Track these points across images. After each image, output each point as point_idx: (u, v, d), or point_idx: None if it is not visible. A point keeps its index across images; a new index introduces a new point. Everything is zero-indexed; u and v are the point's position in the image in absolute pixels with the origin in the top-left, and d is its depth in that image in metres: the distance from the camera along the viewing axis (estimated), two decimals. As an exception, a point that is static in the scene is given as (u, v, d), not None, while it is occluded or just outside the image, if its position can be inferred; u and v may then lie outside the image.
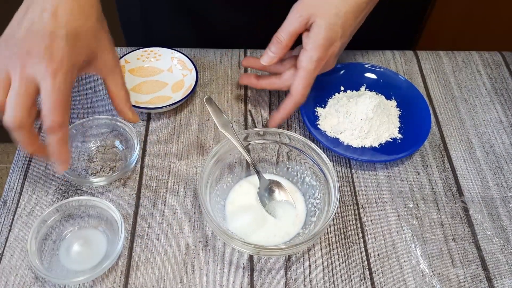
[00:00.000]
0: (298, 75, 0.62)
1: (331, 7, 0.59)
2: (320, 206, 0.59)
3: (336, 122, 0.68)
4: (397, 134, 0.69)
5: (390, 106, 0.72)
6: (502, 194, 0.65)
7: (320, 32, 0.59)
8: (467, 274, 0.58)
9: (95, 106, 0.71)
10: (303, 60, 0.61)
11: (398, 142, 0.68)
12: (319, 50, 0.60)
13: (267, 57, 0.63)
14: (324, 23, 0.59)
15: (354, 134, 0.67)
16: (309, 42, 0.60)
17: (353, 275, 0.57)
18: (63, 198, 0.62)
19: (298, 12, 0.60)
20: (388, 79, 0.74)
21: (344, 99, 0.70)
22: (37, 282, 0.55)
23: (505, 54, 0.83)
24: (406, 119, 0.71)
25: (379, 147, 0.68)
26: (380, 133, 0.68)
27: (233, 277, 0.56)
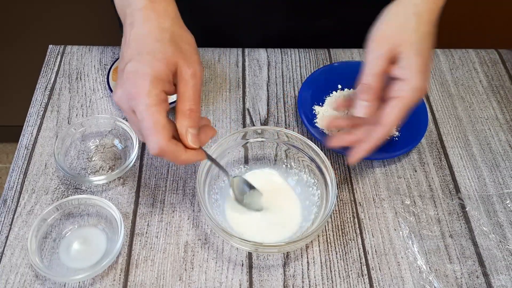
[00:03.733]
0: (396, 104, 0.55)
1: (411, 32, 0.55)
2: (318, 203, 0.60)
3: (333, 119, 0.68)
4: (394, 132, 0.70)
5: None
6: (498, 190, 0.66)
7: (413, 61, 0.54)
8: (464, 270, 0.58)
9: (94, 105, 0.72)
10: (402, 90, 0.54)
11: (395, 140, 0.69)
12: (419, 77, 0.54)
13: (363, 108, 0.55)
14: (411, 50, 0.54)
15: None
16: (404, 73, 0.54)
17: (351, 271, 0.58)
18: (63, 196, 0.62)
19: (378, 50, 0.55)
20: None
21: (341, 98, 0.70)
22: (38, 280, 0.55)
23: (501, 51, 0.84)
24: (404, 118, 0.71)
25: None
26: None
27: (232, 274, 0.57)
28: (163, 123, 0.47)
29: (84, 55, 0.78)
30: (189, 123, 0.49)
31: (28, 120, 0.70)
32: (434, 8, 0.57)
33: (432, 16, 0.57)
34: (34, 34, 1.32)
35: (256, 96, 0.75)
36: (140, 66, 0.48)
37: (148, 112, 0.47)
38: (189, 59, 0.50)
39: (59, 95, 0.73)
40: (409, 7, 0.56)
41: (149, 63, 0.48)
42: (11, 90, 1.47)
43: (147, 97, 0.47)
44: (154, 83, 0.47)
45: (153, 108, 0.47)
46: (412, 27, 0.55)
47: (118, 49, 0.79)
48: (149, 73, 0.47)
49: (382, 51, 0.55)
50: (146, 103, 0.47)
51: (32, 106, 0.71)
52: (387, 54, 0.55)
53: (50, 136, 0.68)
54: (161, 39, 0.50)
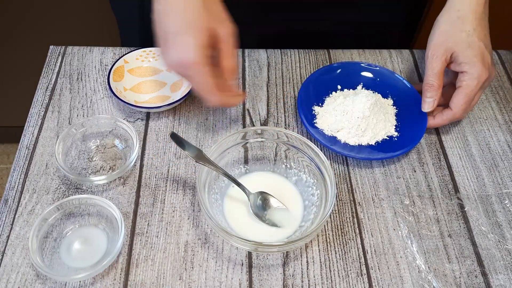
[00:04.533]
0: (459, 92, 0.66)
1: (460, 33, 0.66)
2: (318, 203, 0.60)
3: (333, 120, 0.69)
4: (394, 132, 0.70)
5: (387, 104, 0.73)
6: (497, 190, 0.66)
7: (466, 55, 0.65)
8: (462, 270, 0.59)
9: (95, 105, 0.72)
10: (464, 80, 0.66)
11: (394, 140, 0.69)
12: (477, 67, 0.65)
13: (428, 103, 0.68)
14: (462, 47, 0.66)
15: (351, 132, 0.67)
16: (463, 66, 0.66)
17: (350, 271, 0.58)
18: (64, 196, 0.62)
19: (434, 54, 0.67)
20: (384, 78, 0.75)
21: (341, 98, 0.70)
22: (38, 279, 0.56)
23: (500, 52, 0.84)
24: (402, 117, 0.72)
25: (376, 145, 0.68)
26: (377, 131, 0.68)
27: (231, 274, 0.57)
28: (215, 83, 0.58)
29: (85, 55, 0.78)
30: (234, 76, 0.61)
31: (29, 121, 0.70)
32: (477, 8, 0.67)
33: (476, 14, 0.67)
34: (35, 34, 1.33)
35: (256, 96, 0.75)
36: (185, 38, 0.56)
37: (202, 77, 0.57)
38: (221, 21, 0.59)
39: (60, 95, 0.73)
40: (453, 13, 0.67)
41: (192, 34, 0.56)
42: (12, 91, 1.47)
43: (198, 65, 0.56)
44: (200, 52, 0.56)
45: (205, 73, 0.57)
46: (458, 28, 0.66)
47: (118, 50, 0.79)
48: (194, 44, 0.56)
49: (438, 54, 0.66)
50: (198, 71, 0.57)
51: (33, 106, 0.72)
52: (443, 56, 0.66)
53: (51, 137, 0.68)
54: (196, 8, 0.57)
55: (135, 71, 0.75)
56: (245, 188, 0.61)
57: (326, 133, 0.69)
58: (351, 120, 0.67)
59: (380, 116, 0.69)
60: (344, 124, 0.68)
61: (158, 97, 0.73)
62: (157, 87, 0.74)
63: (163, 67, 0.76)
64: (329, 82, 0.74)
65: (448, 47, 0.66)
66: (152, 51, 0.76)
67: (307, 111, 0.71)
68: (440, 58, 0.67)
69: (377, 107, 0.68)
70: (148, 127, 0.70)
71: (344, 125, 0.68)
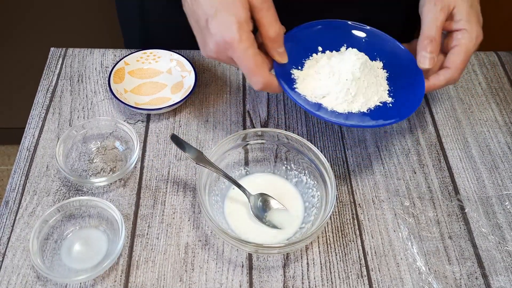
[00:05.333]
0: (458, 51, 0.61)
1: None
2: (318, 205, 0.60)
3: (317, 85, 0.60)
4: (387, 98, 0.62)
5: (376, 67, 0.65)
6: (497, 192, 0.66)
7: (468, 12, 0.60)
8: (463, 272, 0.59)
9: (96, 107, 0.72)
10: (462, 38, 0.61)
11: (389, 106, 0.61)
12: (476, 26, 0.61)
13: (429, 59, 0.61)
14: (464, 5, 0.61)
15: (339, 97, 0.59)
16: (462, 23, 0.61)
17: (350, 272, 0.58)
18: (64, 198, 0.62)
19: (437, 5, 0.60)
20: (372, 39, 0.67)
21: (324, 59, 0.62)
22: (39, 281, 0.56)
23: (500, 54, 0.84)
24: (395, 82, 0.64)
25: (369, 112, 0.60)
26: (369, 96, 0.60)
27: (232, 275, 0.57)
28: (261, 61, 0.55)
29: (86, 57, 0.79)
30: (278, 45, 0.57)
31: (30, 122, 0.70)
32: None
33: None
34: (35, 36, 1.33)
35: (256, 98, 0.75)
36: (223, 17, 0.53)
37: (246, 56, 0.54)
38: None
39: (60, 97, 0.73)
40: None
41: (229, 11, 0.53)
42: (12, 93, 1.48)
43: (241, 43, 0.53)
44: (241, 28, 0.53)
45: (249, 51, 0.53)
46: None
47: (119, 52, 0.79)
48: (234, 21, 0.52)
49: (442, 7, 0.60)
50: (242, 49, 0.53)
51: (34, 108, 0.72)
52: (446, 10, 0.60)
53: (51, 138, 0.68)
54: None
55: (135, 73, 0.75)
56: (246, 190, 0.61)
57: (310, 100, 0.60)
58: (338, 83, 0.59)
59: (371, 78, 0.61)
60: (331, 88, 0.59)
61: (158, 99, 0.73)
62: (157, 89, 0.74)
63: (163, 69, 0.76)
64: (308, 42, 0.65)
65: (450, 2, 0.61)
66: (153, 53, 0.76)
67: (285, 75, 0.61)
68: (445, 10, 0.60)
69: (367, 68, 0.60)
70: (149, 129, 0.70)
71: (331, 89, 0.59)
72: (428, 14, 0.61)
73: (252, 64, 0.54)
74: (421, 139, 0.71)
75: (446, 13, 0.61)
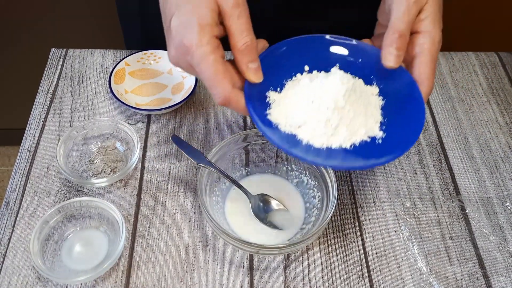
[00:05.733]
0: (425, 60, 0.51)
1: None
2: (319, 205, 0.60)
3: (294, 111, 0.50)
4: (378, 132, 0.51)
5: (370, 93, 0.54)
6: (498, 193, 0.66)
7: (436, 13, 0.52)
8: (464, 272, 0.59)
9: (96, 108, 0.72)
10: (426, 43, 0.51)
11: (378, 143, 0.50)
12: (439, 30, 0.52)
13: (395, 57, 0.50)
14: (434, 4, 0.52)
15: (318, 129, 0.49)
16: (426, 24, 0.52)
17: (351, 273, 0.58)
18: (65, 199, 0.62)
19: None
20: (367, 58, 0.55)
21: (305, 80, 0.52)
22: (40, 282, 0.56)
23: (501, 54, 0.84)
24: (392, 112, 0.53)
25: (352, 148, 0.49)
26: (355, 128, 0.50)
27: (233, 276, 0.57)
28: (222, 70, 0.46)
29: (86, 58, 0.79)
30: (248, 58, 0.47)
31: (30, 123, 0.70)
32: None
33: None
34: (36, 37, 1.33)
35: (257, 99, 0.75)
36: (183, 18, 0.46)
37: (205, 63, 0.45)
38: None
39: (61, 98, 0.73)
40: None
41: (191, 11, 0.46)
42: (13, 93, 1.48)
43: (200, 47, 0.45)
44: (202, 31, 0.45)
45: (209, 58, 0.45)
46: None
47: (119, 53, 0.79)
48: (195, 22, 0.45)
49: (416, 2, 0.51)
50: (200, 54, 0.45)
51: (34, 109, 0.72)
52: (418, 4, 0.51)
53: (52, 139, 0.68)
54: None
55: (136, 73, 0.75)
56: (246, 191, 0.61)
57: (283, 130, 0.49)
58: (318, 112, 0.49)
59: (359, 108, 0.50)
60: (308, 117, 0.49)
61: (159, 99, 0.73)
62: (158, 89, 0.74)
63: (164, 70, 0.76)
64: (293, 60, 0.54)
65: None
66: (153, 53, 0.76)
67: (258, 97, 0.50)
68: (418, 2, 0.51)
69: (355, 95, 0.51)
70: (149, 130, 0.70)
71: (308, 118, 0.49)
72: (400, 6, 0.51)
73: (211, 72, 0.45)
74: (421, 140, 0.71)
75: (419, 8, 0.52)
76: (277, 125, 0.50)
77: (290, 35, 0.80)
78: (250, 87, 0.49)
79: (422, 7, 0.52)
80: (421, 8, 0.52)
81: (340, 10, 0.80)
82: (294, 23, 0.81)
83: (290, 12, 0.80)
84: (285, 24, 0.81)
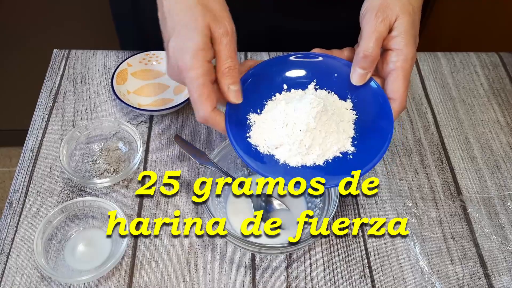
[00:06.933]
0: (397, 77, 0.54)
1: (407, 4, 0.55)
2: (321, 205, 0.60)
3: (271, 134, 0.54)
4: (349, 147, 0.55)
5: (344, 109, 0.57)
6: (500, 192, 0.66)
7: (408, 30, 0.54)
8: (465, 272, 0.59)
9: (99, 108, 0.72)
10: (398, 60, 0.54)
11: (349, 158, 0.54)
12: (412, 48, 0.54)
13: (359, 76, 0.55)
14: (407, 20, 0.54)
15: (293, 149, 0.53)
16: (398, 41, 0.54)
17: (353, 273, 0.58)
18: (68, 199, 0.63)
19: (378, 16, 0.54)
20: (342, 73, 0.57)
21: (282, 103, 0.55)
22: (43, 281, 0.56)
23: (502, 55, 0.84)
24: (363, 126, 0.56)
25: (325, 165, 0.54)
26: (327, 146, 0.54)
27: (235, 276, 0.57)
28: (207, 94, 0.51)
29: (89, 59, 0.79)
30: (229, 81, 0.52)
31: (33, 124, 0.70)
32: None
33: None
34: (39, 38, 1.33)
35: (258, 99, 0.75)
36: (178, 42, 0.51)
37: (193, 85, 0.51)
38: (218, 18, 0.52)
39: (63, 98, 0.74)
40: None
41: (185, 36, 0.51)
42: (15, 94, 1.48)
43: (190, 71, 0.50)
44: (195, 56, 0.50)
45: (197, 81, 0.50)
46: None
47: (121, 53, 0.80)
48: (189, 47, 0.50)
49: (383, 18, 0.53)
50: (190, 77, 0.50)
51: (37, 109, 0.72)
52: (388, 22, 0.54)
53: (55, 139, 0.69)
54: (188, 6, 0.52)
55: (138, 74, 0.75)
56: None
57: (262, 151, 0.54)
58: (292, 134, 0.53)
59: (330, 127, 0.54)
60: (284, 139, 0.53)
61: (161, 100, 0.73)
62: (160, 90, 0.74)
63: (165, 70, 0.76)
64: (273, 80, 0.58)
65: (395, 11, 0.54)
66: (155, 54, 0.76)
67: (239, 119, 0.55)
68: (387, 22, 0.53)
69: (326, 116, 0.53)
70: (152, 130, 0.71)
71: (284, 140, 0.53)
72: (366, 25, 0.54)
73: (196, 94, 0.51)
74: (423, 140, 0.71)
75: (387, 25, 0.54)
76: (257, 146, 0.54)
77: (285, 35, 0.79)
78: (232, 108, 0.54)
79: (391, 24, 0.54)
80: (391, 25, 0.54)
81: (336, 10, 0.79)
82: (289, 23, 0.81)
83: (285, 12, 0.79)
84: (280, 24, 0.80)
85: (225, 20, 0.52)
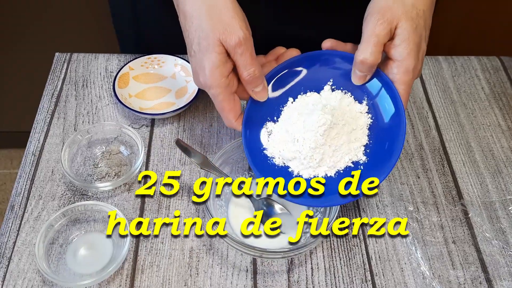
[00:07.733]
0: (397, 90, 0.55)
1: (411, 8, 0.54)
2: (322, 209, 0.60)
3: (286, 146, 0.57)
4: (362, 156, 0.56)
5: (359, 113, 0.57)
6: (501, 197, 0.66)
7: (410, 37, 0.53)
8: (467, 276, 0.59)
9: (100, 112, 0.73)
10: (398, 73, 0.54)
11: (360, 168, 0.55)
12: (412, 58, 0.53)
13: (359, 78, 0.56)
14: (410, 25, 0.53)
15: (305, 163, 0.56)
16: (399, 52, 0.53)
17: (354, 277, 0.58)
18: (69, 203, 0.63)
19: (378, 19, 0.53)
20: None
21: (295, 115, 0.57)
22: (45, 285, 0.56)
23: (503, 59, 0.84)
24: (377, 132, 0.56)
25: (336, 176, 0.56)
26: (338, 158, 0.56)
27: (236, 280, 0.57)
28: (228, 108, 0.56)
29: (90, 62, 0.79)
30: (252, 86, 0.56)
31: (35, 127, 0.70)
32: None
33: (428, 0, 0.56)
34: (41, 42, 1.34)
35: (260, 103, 0.75)
36: (196, 60, 0.55)
37: (215, 101, 0.56)
38: (228, 28, 0.52)
39: (65, 102, 0.74)
40: None
41: (201, 55, 0.54)
42: (16, 97, 1.48)
43: (211, 89, 0.55)
44: (212, 75, 0.53)
45: (218, 98, 0.55)
46: (409, 2, 0.54)
47: (123, 57, 0.80)
48: (205, 67, 0.53)
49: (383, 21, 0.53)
50: (212, 94, 0.55)
51: (39, 113, 0.72)
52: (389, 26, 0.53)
53: (56, 143, 0.69)
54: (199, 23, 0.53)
55: (140, 77, 0.76)
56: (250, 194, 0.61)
57: (277, 163, 0.57)
58: (302, 150, 0.55)
59: (341, 139, 0.55)
60: (296, 153, 0.56)
61: (163, 103, 0.73)
62: (162, 93, 0.75)
63: (168, 74, 0.76)
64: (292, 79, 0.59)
65: (396, 15, 0.53)
66: (157, 58, 0.76)
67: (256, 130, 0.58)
68: (388, 26, 0.52)
69: (336, 129, 0.55)
70: (153, 134, 0.71)
71: (296, 154, 0.56)
72: (366, 28, 0.54)
73: (219, 108, 0.56)
74: (424, 144, 0.71)
75: (387, 29, 0.53)
76: (273, 158, 0.58)
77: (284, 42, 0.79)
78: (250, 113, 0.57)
79: (393, 28, 0.53)
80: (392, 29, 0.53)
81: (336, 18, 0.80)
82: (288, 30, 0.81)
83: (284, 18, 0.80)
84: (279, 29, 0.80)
85: (236, 28, 0.52)
